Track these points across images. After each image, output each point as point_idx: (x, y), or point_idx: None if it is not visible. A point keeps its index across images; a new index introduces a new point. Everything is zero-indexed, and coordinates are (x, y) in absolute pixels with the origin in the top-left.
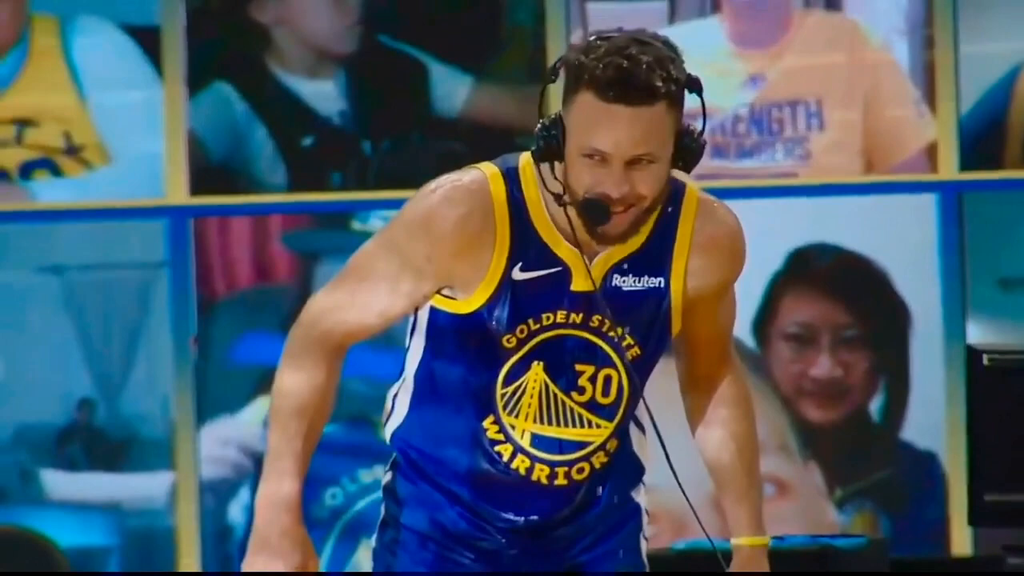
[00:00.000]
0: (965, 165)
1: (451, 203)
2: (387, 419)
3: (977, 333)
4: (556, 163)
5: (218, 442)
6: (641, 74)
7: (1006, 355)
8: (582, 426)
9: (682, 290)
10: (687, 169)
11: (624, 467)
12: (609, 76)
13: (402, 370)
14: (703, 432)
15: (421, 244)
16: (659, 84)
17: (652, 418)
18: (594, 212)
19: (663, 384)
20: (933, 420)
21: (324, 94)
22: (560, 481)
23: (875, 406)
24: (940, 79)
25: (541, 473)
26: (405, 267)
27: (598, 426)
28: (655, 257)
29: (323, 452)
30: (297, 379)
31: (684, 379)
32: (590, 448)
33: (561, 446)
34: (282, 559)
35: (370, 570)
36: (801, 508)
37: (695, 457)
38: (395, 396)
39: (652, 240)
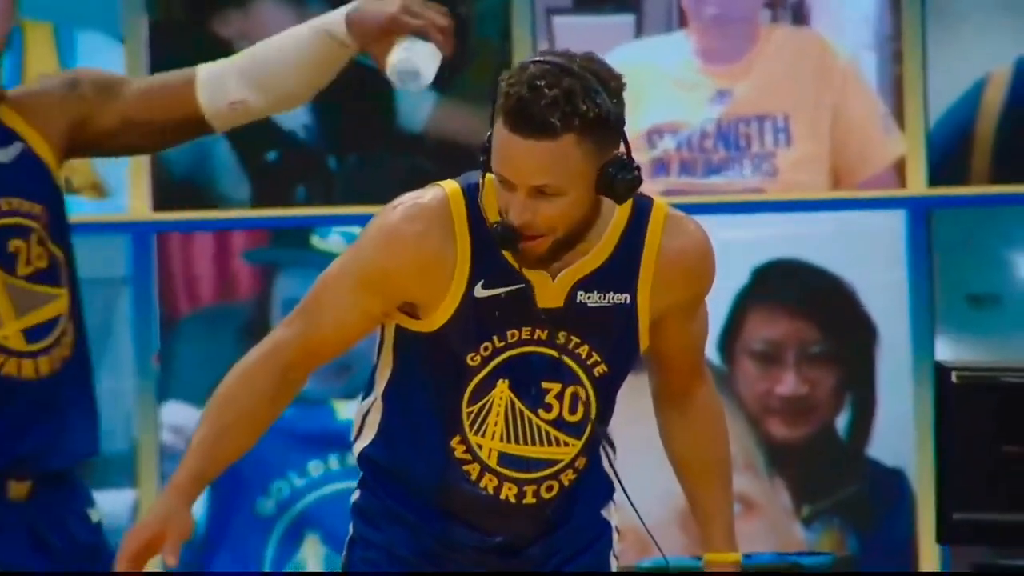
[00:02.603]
0: (933, 179)
1: (410, 221)
2: (356, 438)
3: (946, 350)
4: None
5: (181, 459)
6: (537, 109)
7: (975, 372)
8: (549, 444)
9: (649, 306)
10: (618, 201)
11: (595, 486)
12: (509, 106)
13: (371, 388)
14: (676, 451)
15: (381, 262)
16: (555, 120)
17: (610, 442)
18: (501, 237)
19: (630, 402)
20: (901, 437)
21: None
22: (529, 500)
23: (842, 423)
24: (908, 94)
25: (509, 492)
26: (366, 286)
27: (566, 444)
28: (621, 273)
29: (275, 437)
30: (238, 381)
31: (657, 394)
32: (558, 466)
33: (528, 464)
34: (142, 525)
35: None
36: (768, 526)
37: (661, 474)
38: (364, 415)
39: (617, 256)
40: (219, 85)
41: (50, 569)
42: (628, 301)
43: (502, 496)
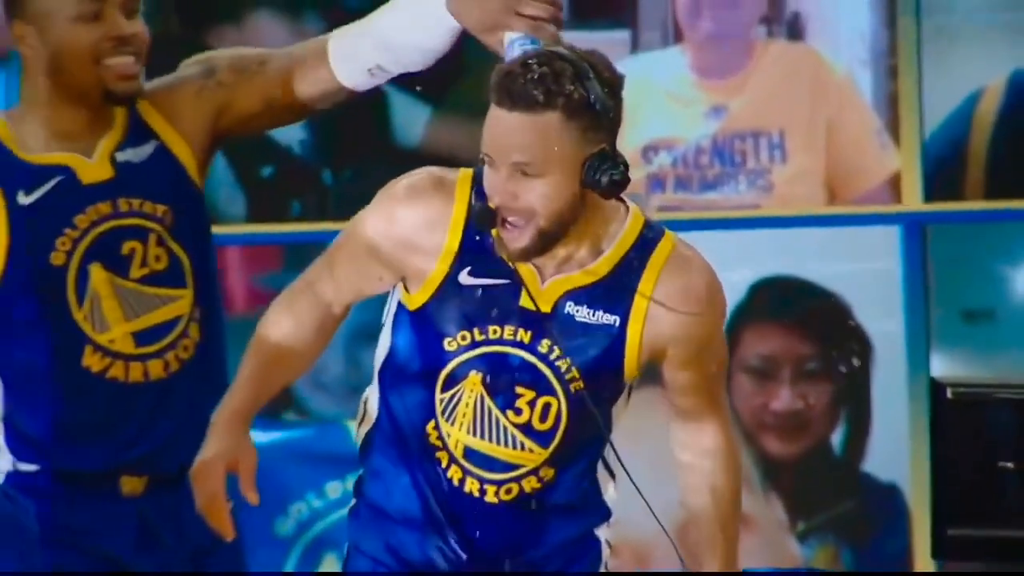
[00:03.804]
0: (929, 195)
1: (410, 191)
2: (359, 423)
3: (941, 365)
4: None
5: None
6: (522, 82)
7: (970, 388)
8: (514, 447)
9: (641, 337)
10: (604, 196)
11: (592, 510)
12: (497, 81)
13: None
14: (685, 480)
15: (374, 224)
16: (538, 94)
17: (617, 454)
18: (477, 215)
19: (629, 419)
20: (896, 453)
21: None
22: (490, 498)
23: (837, 439)
24: (903, 109)
25: (473, 487)
26: (363, 246)
27: (531, 450)
28: (614, 295)
29: (293, 459)
30: (281, 309)
31: (670, 411)
32: (520, 471)
33: (491, 463)
34: (206, 449)
35: None
36: (763, 542)
37: (659, 489)
38: (366, 399)
39: (614, 277)
40: (353, 57)
41: (159, 565)
42: (617, 324)
43: (466, 489)
